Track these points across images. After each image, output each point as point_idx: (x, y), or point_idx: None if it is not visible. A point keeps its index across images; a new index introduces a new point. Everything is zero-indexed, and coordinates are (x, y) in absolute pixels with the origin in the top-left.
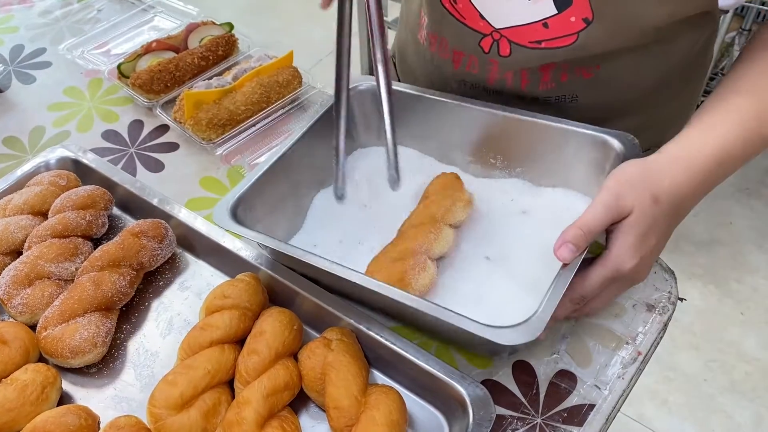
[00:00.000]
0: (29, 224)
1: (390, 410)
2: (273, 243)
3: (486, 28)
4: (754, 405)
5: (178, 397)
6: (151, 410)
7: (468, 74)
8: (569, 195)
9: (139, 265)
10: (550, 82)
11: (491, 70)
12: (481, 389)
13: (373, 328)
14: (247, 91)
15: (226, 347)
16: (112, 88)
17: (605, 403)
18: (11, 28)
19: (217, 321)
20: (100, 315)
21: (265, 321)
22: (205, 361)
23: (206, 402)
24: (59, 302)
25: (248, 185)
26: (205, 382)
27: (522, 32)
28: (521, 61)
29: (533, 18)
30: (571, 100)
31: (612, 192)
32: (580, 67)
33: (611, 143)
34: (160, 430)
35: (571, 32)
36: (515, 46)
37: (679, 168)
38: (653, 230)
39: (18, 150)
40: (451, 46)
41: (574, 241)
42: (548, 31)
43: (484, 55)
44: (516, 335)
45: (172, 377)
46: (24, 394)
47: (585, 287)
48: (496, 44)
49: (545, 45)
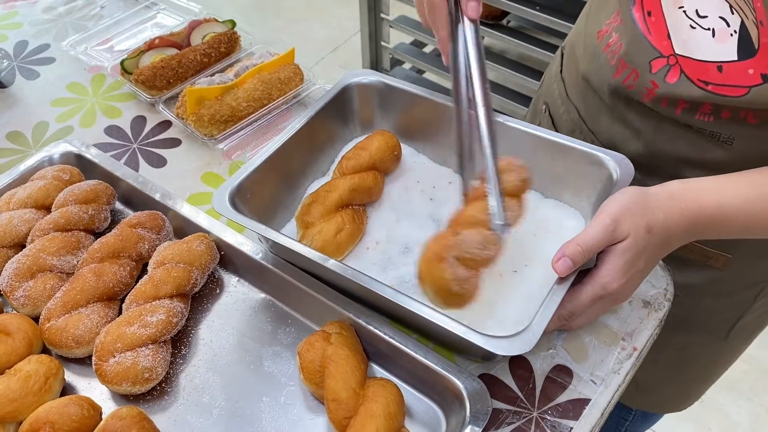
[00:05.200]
0: (32, 218)
1: (388, 403)
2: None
3: (667, 50)
4: (751, 404)
5: None
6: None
7: (623, 88)
8: (559, 207)
9: (138, 256)
10: (710, 115)
11: (648, 91)
12: (478, 383)
13: (372, 322)
14: (248, 88)
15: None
16: (115, 84)
17: (600, 398)
18: (15, 24)
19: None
20: (102, 305)
21: (373, 138)
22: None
23: None
24: (61, 294)
25: (247, 173)
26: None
27: (696, 67)
28: (683, 93)
29: (711, 57)
30: (726, 140)
31: (613, 217)
32: (746, 111)
33: (606, 163)
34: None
35: (744, 84)
36: (684, 78)
37: (675, 207)
38: (642, 256)
39: (22, 145)
40: (620, 55)
41: (572, 257)
42: (721, 75)
43: (648, 74)
44: (511, 346)
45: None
46: (27, 385)
47: (575, 304)
48: (667, 68)
49: (712, 89)
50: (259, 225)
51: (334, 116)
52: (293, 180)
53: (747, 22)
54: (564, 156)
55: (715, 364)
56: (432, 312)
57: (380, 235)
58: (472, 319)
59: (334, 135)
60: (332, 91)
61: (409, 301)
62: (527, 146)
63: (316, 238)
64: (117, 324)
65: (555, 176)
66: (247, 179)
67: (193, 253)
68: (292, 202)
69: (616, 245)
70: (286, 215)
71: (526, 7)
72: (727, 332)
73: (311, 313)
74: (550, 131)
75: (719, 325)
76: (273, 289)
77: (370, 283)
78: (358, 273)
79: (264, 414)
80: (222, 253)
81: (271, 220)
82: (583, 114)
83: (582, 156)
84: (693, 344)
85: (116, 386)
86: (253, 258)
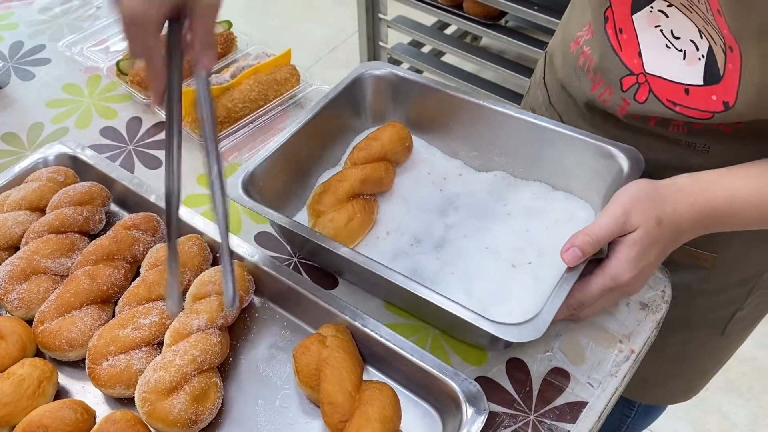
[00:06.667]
0: (27, 220)
1: (384, 406)
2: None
3: (637, 68)
4: (749, 404)
5: (167, 382)
6: (142, 396)
7: (599, 102)
8: (569, 199)
9: (132, 258)
10: (683, 127)
11: (620, 108)
12: (475, 386)
13: (368, 325)
14: (244, 89)
15: (211, 332)
16: (110, 85)
17: (598, 401)
18: (11, 24)
19: (204, 307)
20: (96, 308)
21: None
22: (191, 347)
23: (194, 386)
24: (55, 296)
25: (259, 161)
26: (193, 366)
27: (665, 87)
28: (652, 111)
29: (680, 79)
30: (702, 149)
31: (623, 208)
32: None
33: (616, 155)
34: (151, 414)
35: (707, 110)
36: (652, 97)
37: (684, 201)
38: (653, 248)
39: (16, 146)
40: (595, 69)
41: (581, 247)
42: (687, 98)
43: (620, 92)
44: (521, 332)
45: (161, 363)
46: (21, 388)
47: (584, 294)
48: (636, 87)
49: (679, 110)
50: (271, 211)
51: (347, 107)
52: (305, 169)
53: (715, 47)
54: (574, 148)
55: (715, 357)
56: (444, 300)
57: (391, 225)
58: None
59: (346, 126)
60: (344, 82)
61: (421, 289)
62: (537, 138)
63: (327, 226)
64: (110, 327)
65: (565, 168)
66: (259, 167)
67: (185, 254)
68: (304, 191)
69: (627, 236)
70: (298, 204)
71: (524, 7)
72: (724, 327)
73: (307, 316)
74: (559, 123)
75: (717, 320)
76: (268, 292)
77: (382, 270)
78: (370, 260)
79: (259, 417)
80: (217, 255)
81: (283, 208)
82: (565, 120)
83: (592, 148)
84: (694, 339)
85: (110, 389)
86: (249, 260)
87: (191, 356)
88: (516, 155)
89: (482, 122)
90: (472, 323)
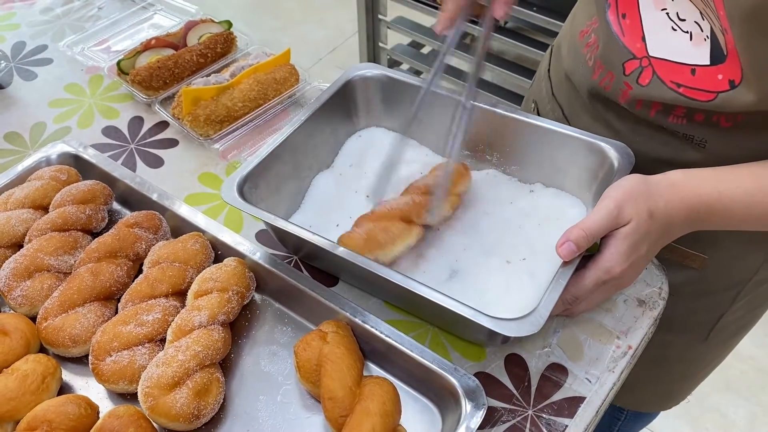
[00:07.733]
0: (30, 218)
1: (384, 401)
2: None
3: (640, 52)
4: (748, 404)
5: (170, 377)
6: (145, 391)
7: (600, 89)
8: (560, 196)
9: (135, 256)
10: (683, 117)
11: (623, 93)
12: (474, 381)
13: (368, 321)
14: (244, 88)
15: (213, 329)
16: (112, 85)
17: (595, 396)
18: (13, 25)
19: (205, 303)
20: (99, 305)
21: None
22: (194, 343)
23: (197, 381)
24: (58, 293)
25: (254, 164)
26: (195, 362)
27: (670, 69)
28: (655, 95)
29: (687, 60)
30: (699, 143)
31: (616, 202)
32: (719, 115)
33: (607, 152)
34: (153, 409)
35: (712, 90)
36: (656, 80)
37: (675, 196)
38: (645, 241)
39: (19, 145)
40: (597, 56)
41: (576, 241)
42: (693, 78)
43: (622, 76)
44: (519, 327)
45: (163, 359)
46: (24, 384)
47: (578, 288)
48: (640, 70)
49: (683, 91)
50: (267, 214)
51: (338, 109)
52: (299, 171)
53: (715, 29)
54: (565, 145)
55: (696, 364)
56: (442, 297)
57: None
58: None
59: (337, 128)
60: (336, 84)
61: (418, 286)
62: (529, 136)
63: None
64: (113, 323)
65: (556, 165)
66: (254, 170)
67: (188, 252)
68: (299, 193)
69: (619, 230)
70: (292, 206)
71: (523, 8)
72: (707, 333)
73: (307, 312)
74: (551, 121)
75: (699, 325)
76: (269, 288)
77: (379, 269)
78: (367, 260)
79: (261, 413)
80: (219, 253)
81: (280, 209)
82: (566, 112)
83: (583, 145)
84: (673, 343)
85: (113, 385)
86: (250, 258)
87: (193, 352)
88: (508, 153)
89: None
90: (471, 319)
